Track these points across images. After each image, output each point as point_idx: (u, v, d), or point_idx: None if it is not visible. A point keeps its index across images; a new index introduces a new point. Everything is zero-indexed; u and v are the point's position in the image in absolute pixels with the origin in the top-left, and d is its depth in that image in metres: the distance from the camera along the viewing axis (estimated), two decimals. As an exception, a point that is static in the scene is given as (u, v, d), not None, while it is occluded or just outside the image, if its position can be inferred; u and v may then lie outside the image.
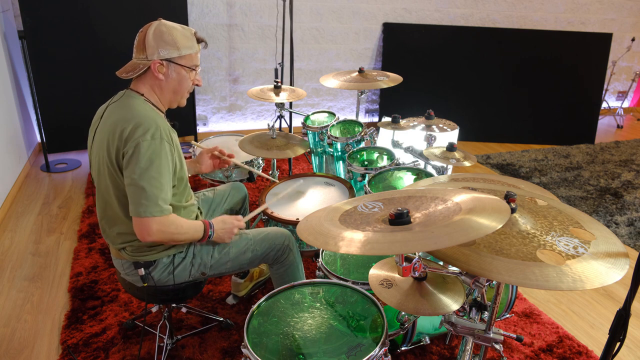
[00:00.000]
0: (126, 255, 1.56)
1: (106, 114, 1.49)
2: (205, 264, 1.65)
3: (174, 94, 1.56)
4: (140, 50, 1.46)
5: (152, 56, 1.45)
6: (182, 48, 1.48)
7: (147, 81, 1.51)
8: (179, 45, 1.47)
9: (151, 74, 1.49)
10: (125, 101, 1.48)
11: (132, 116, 1.41)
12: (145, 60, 1.46)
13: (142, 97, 1.50)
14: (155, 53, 1.45)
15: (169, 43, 1.46)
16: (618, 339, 1.08)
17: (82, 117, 3.38)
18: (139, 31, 1.48)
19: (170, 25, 1.48)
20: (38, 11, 3.32)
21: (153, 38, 1.44)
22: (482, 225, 0.97)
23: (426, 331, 1.83)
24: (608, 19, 5.67)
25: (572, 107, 4.91)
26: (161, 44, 1.45)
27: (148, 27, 1.46)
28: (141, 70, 1.46)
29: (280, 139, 2.59)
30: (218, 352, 1.89)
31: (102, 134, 1.46)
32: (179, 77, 1.52)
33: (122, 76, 1.48)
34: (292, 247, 1.78)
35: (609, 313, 2.29)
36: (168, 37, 1.45)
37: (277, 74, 4.26)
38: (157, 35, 1.45)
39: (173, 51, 1.47)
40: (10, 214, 2.97)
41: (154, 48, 1.45)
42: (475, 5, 5.06)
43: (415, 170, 2.21)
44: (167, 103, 1.58)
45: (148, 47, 1.44)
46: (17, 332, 2.00)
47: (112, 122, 1.44)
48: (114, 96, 1.54)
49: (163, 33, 1.45)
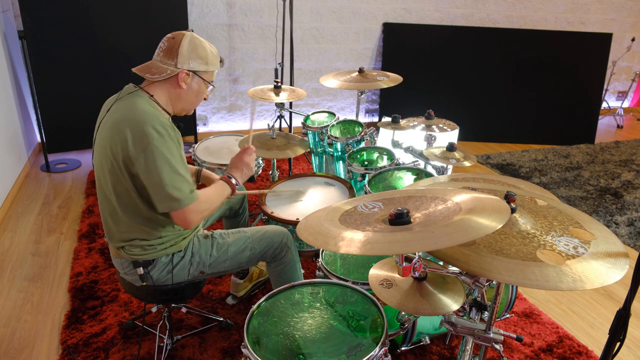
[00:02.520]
0: (125, 254, 1.56)
1: (112, 109, 1.49)
2: (203, 262, 1.65)
3: (189, 104, 1.60)
4: (170, 56, 1.48)
5: (182, 65, 1.49)
6: (210, 64, 1.55)
7: (165, 86, 1.52)
8: (208, 61, 1.54)
9: (174, 81, 1.51)
10: (131, 100, 1.47)
11: (137, 117, 1.41)
12: (173, 67, 1.49)
13: (150, 98, 1.50)
14: (186, 63, 1.49)
15: (200, 57, 1.51)
16: (618, 339, 1.08)
17: (82, 117, 3.39)
18: (169, 37, 1.50)
19: (202, 40, 1.54)
20: (38, 11, 3.32)
21: (188, 48, 1.49)
22: (482, 225, 0.96)
23: (426, 331, 1.83)
24: (608, 19, 5.67)
25: (572, 107, 4.91)
26: (193, 56, 1.50)
27: (182, 36, 1.49)
28: (168, 75, 1.48)
29: (280, 139, 2.59)
30: (218, 352, 1.89)
31: (105, 131, 1.46)
32: (199, 89, 1.58)
33: (145, 76, 1.49)
34: (290, 245, 1.78)
35: (609, 313, 2.29)
36: (201, 51, 1.51)
37: (277, 74, 4.26)
38: (192, 46, 1.49)
39: (202, 65, 1.53)
40: (10, 214, 2.97)
41: (186, 58, 1.49)
42: (475, 5, 5.06)
43: (415, 170, 2.21)
44: (178, 110, 1.61)
45: (181, 55, 1.48)
46: (17, 332, 2.00)
47: (116, 121, 1.43)
48: (122, 91, 1.54)
49: (197, 46, 1.51)
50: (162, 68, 1.49)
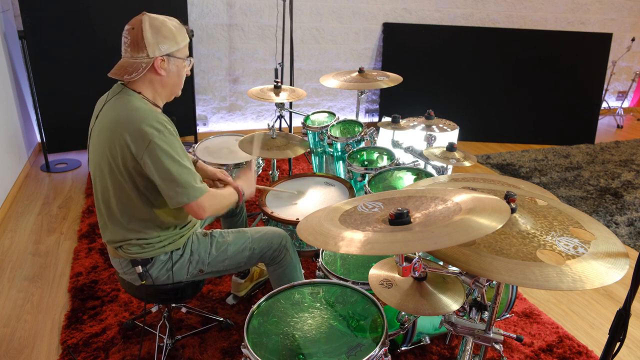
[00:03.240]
0: (123, 254, 1.55)
1: (103, 111, 1.47)
2: (203, 261, 1.65)
3: (174, 87, 1.55)
4: (138, 49, 1.40)
5: (154, 53, 1.41)
6: (180, 41, 1.47)
7: (146, 78, 1.47)
8: (177, 38, 1.46)
9: (152, 71, 1.45)
10: (122, 99, 1.44)
11: (134, 116, 1.39)
12: (146, 58, 1.41)
13: (140, 95, 1.47)
14: (157, 49, 1.42)
15: (168, 37, 1.43)
16: (618, 339, 1.08)
17: (82, 117, 3.37)
18: (128, 28, 1.42)
19: (160, 18, 1.44)
20: (38, 11, 3.32)
21: (152, 34, 1.40)
22: (482, 225, 0.96)
23: (426, 331, 1.83)
24: (608, 19, 5.67)
25: (572, 107, 4.91)
26: (161, 40, 1.42)
27: (140, 24, 1.40)
28: (145, 69, 1.41)
29: (280, 139, 2.59)
30: (218, 352, 1.89)
31: (101, 132, 1.45)
32: (178, 69, 1.51)
33: (123, 79, 1.43)
34: (288, 248, 1.77)
35: (609, 313, 2.29)
36: (166, 32, 1.43)
37: (277, 74, 4.26)
38: (155, 30, 1.41)
39: (173, 45, 1.45)
40: (10, 214, 2.97)
41: (154, 45, 1.41)
42: (475, 5, 5.06)
43: (415, 170, 2.21)
44: (165, 97, 1.56)
45: (148, 44, 1.40)
46: (17, 332, 2.00)
47: (112, 122, 1.42)
48: (110, 91, 1.51)
49: (160, 28, 1.42)
50: (136, 64, 1.41)
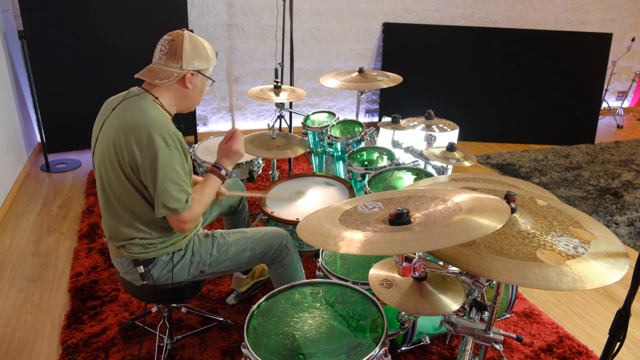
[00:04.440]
0: (125, 253, 1.56)
1: (116, 111, 1.49)
2: (204, 261, 1.65)
3: (193, 102, 1.63)
4: (174, 59, 1.49)
5: (187, 66, 1.50)
6: (210, 61, 1.57)
7: (171, 87, 1.53)
8: (209, 58, 1.56)
9: (180, 82, 1.52)
10: (138, 103, 1.48)
11: (146, 122, 1.42)
12: (179, 69, 1.49)
13: (155, 100, 1.51)
14: (191, 64, 1.51)
15: (202, 55, 1.53)
16: (618, 339, 1.08)
17: (82, 117, 3.38)
18: (169, 39, 1.50)
19: (198, 37, 1.54)
20: (38, 11, 3.32)
21: (190, 48, 1.49)
22: (482, 225, 0.96)
23: (426, 331, 1.83)
24: (608, 19, 5.67)
25: (572, 107, 4.91)
26: (196, 55, 1.51)
27: (182, 37, 1.49)
28: (175, 79, 1.49)
29: (280, 139, 2.59)
30: (218, 352, 1.89)
31: (109, 131, 1.46)
32: (202, 87, 1.61)
33: (154, 82, 1.49)
34: (290, 248, 1.78)
35: (609, 313, 2.29)
36: (202, 50, 1.53)
37: (277, 74, 4.27)
38: (193, 46, 1.50)
39: (204, 63, 1.55)
40: (10, 214, 2.97)
41: (190, 58, 1.50)
42: (475, 5, 5.06)
43: (415, 170, 2.21)
44: (181, 109, 1.62)
45: (185, 57, 1.49)
46: (17, 332, 2.00)
47: (123, 123, 1.43)
48: (128, 92, 1.54)
49: (198, 45, 1.52)
50: (168, 72, 1.49)
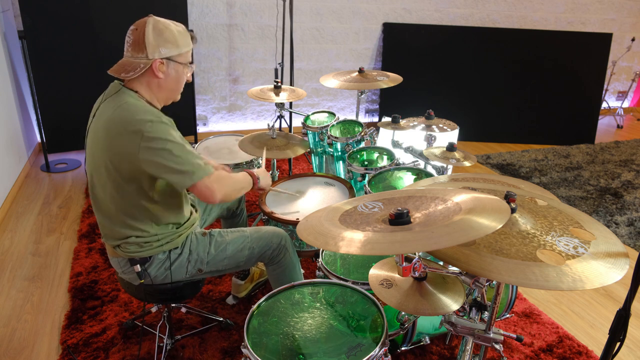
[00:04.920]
0: (121, 253, 1.55)
1: (99, 111, 1.47)
2: (201, 260, 1.64)
3: (171, 92, 1.56)
4: (139, 49, 1.43)
5: (153, 55, 1.43)
6: (181, 46, 1.48)
7: (144, 79, 1.48)
8: (179, 43, 1.47)
9: (150, 72, 1.47)
10: (118, 98, 1.45)
11: (126, 114, 1.39)
12: (145, 59, 1.43)
13: (137, 95, 1.48)
14: (157, 52, 1.43)
15: (169, 41, 1.45)
16: (618, 339, 1.08)
17: (82, 117, 3.36)
18: (132, 29, 1.44)
19: (165, 22, 1.46)
20: (38, 11, 3.32)
21: (153, 36, 1.42)
22: (482, 225, 0.96)
23: (426, 331, 1.83)
24: (608, 19, 5.67)
25: (572, 107, 4.91)
26: (162, 42, 1.43)
27: (144, 25, 1.43)
28: (142, 69, 1.43)
29: (280, 139, 2.59)
30: (218, 352, 1.89)
31: (97, 131, 1.45)
32: (177, 74, 1.52)
33: (120, 76, 1.45)
34: (288, 248, 1.77)
35: (609, 313, 2.29)
36: (169, 35, 1.45)
37: (277, 74, 4.26)
38: (157, 32, 1.43)
39: (173, 49, 1.46)
40: (10, 214, 2.97)
41: (154, 47, 1.43)
42: (475, 5, 5.06)
43: (415, 170, 2.21)
44: (163, 100, 1.57)
45: (149, 45, 1.42)
46: (17, 332, 2.00)
47: (107, 121, 1.42)
48: (107, 90, 1.52)
49: (162, 31, 1.44)
50: (134, 63, 1.43)
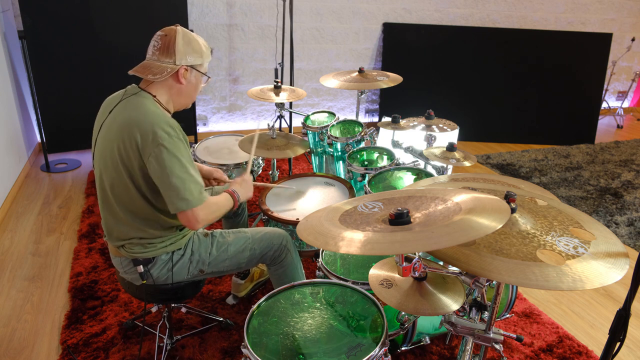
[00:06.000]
0: (125, 253, 1.56)
1: (116, 110, 1.49)
2: (203, 261, 1.65)
3: (188, 98, 1.61)
4: (167, 54, 1.48)
5: (180, 61, 1.49)
6: (204, 56, 1.56)
7: (166, 84, 1.53)
8: (203, 54, 1.55)
9: (174, 77, 1.52)
10: (137, 101, 1.48)
11: (147, 118, 1.42)
12: (172, 64, 1.49)
13: (154, 99, 1.51)
14: (184, 59, 1.50)
15: (196, 51, 1.52)
16: (618, 339, 1.08)
17: (82, 117, 3.38)
18: (161, 34, 1.50)
19: (192, 33, 1.54)
20: (38, 11, 3.32)
21: (183, 44, 1.49)
22: (482, 225, 0.96)
23: (426, 331, 1.83)
24: (608, 19, 5.67)
25: (572, 107, 4.91)
26: (190, 51, 1.51)
27: (174, 33, 1.49)
28: (169, 74, 1.48)
29: (280, 139, 2.59)
30: (218, 352, 1.89)
31: (111, 129, 1.46)
32: (196, 83, 1.60)
33: (147, 78, 1.48)
34: (289, 248, 1.78)
35: (609, 313, 2.29)
36: (196, 45, 1.52)
37: (277, 74, 4.26)
38: (186, 41, 1.50)
39: (198, 59, 1.54)
40: (10, 214, 2.97)
41: (183, 54, 1.49)
42: (475, 5, 5.06)
43: (415, 170, 2.21)
44: (177, 106, 1.61)
45: (178, 52, 1.48)
46: (17, 332, 2.00)
47: (124, 120, 1.44)
48: (125, 91, 1.54)
49: (191, 40, 1.51)
50: (161, 67, 1.49)
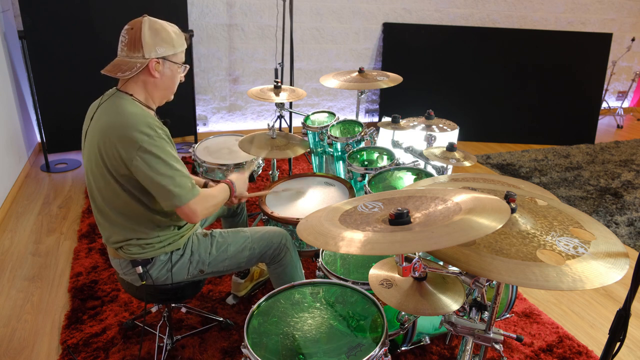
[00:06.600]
0: (123, 254, 1.56)
1: (96, 115, 1.47)
2: (203, 261, 1.65)
3: (166, 91, 1.55)
4: (135, 49, 1.42)
5: (149, 54, 1.43)
6: (176, 46, 1.49)
7: (139, 79, 1.47)
8: (174, 43, 1.48)
9: (146, 72, 1.46)
10: (114, 102, 1.45)
11: (124, 121, 1.39)
12: (141, 58, 1.42)
13: (131, 97, 1.47)
14: (153, 51, 1.43)
15: (165, 41, 1.45)
16: (618, 339, 1.08)
17: (82, 117, 3.34)
18: (128, 28, 1.44)
19: (160, 22, 1.46)
20: (38, 11, 3.32)
21: (150, 35, 1.42)
22: (482, 225, 0.96)
23: (426, 331, 1.83)
24: (608, 19, 5.67)
25: (572, 107, 4.91)
26: (158, 42, 1.43)
27: (140, 24, 1.42)
28: (139, 69, 1.42)
29: (280, 139, 2.59)
30: (218, 352, 1.89)
31: (93, 136, 1.45)
32: (172, 74, 1.52)
33: (116, 75, 1.44)
34: (289, 247, 1.78)
35: (609, 313, 2.29)
36: (165, 35, 1.45)
37: (277, 74, 4.26)
38: (153, 32, 1.43)
39: (169, 49, 1.46)
40: (10, 214, 2.97)
41: (151, 46, 1.42)
42: (475, 5, 5.06)
43: (415, 170, 2.21)
44: (158, 100, 1.56)
45: (145, 45, 1.41)
46: (17, 332, 2.00)
47: (103, 126, 1.42)
48: (103, 95, 1.52)
49: (159, 31, 1.44)
50: (130, 63, 1.42)
